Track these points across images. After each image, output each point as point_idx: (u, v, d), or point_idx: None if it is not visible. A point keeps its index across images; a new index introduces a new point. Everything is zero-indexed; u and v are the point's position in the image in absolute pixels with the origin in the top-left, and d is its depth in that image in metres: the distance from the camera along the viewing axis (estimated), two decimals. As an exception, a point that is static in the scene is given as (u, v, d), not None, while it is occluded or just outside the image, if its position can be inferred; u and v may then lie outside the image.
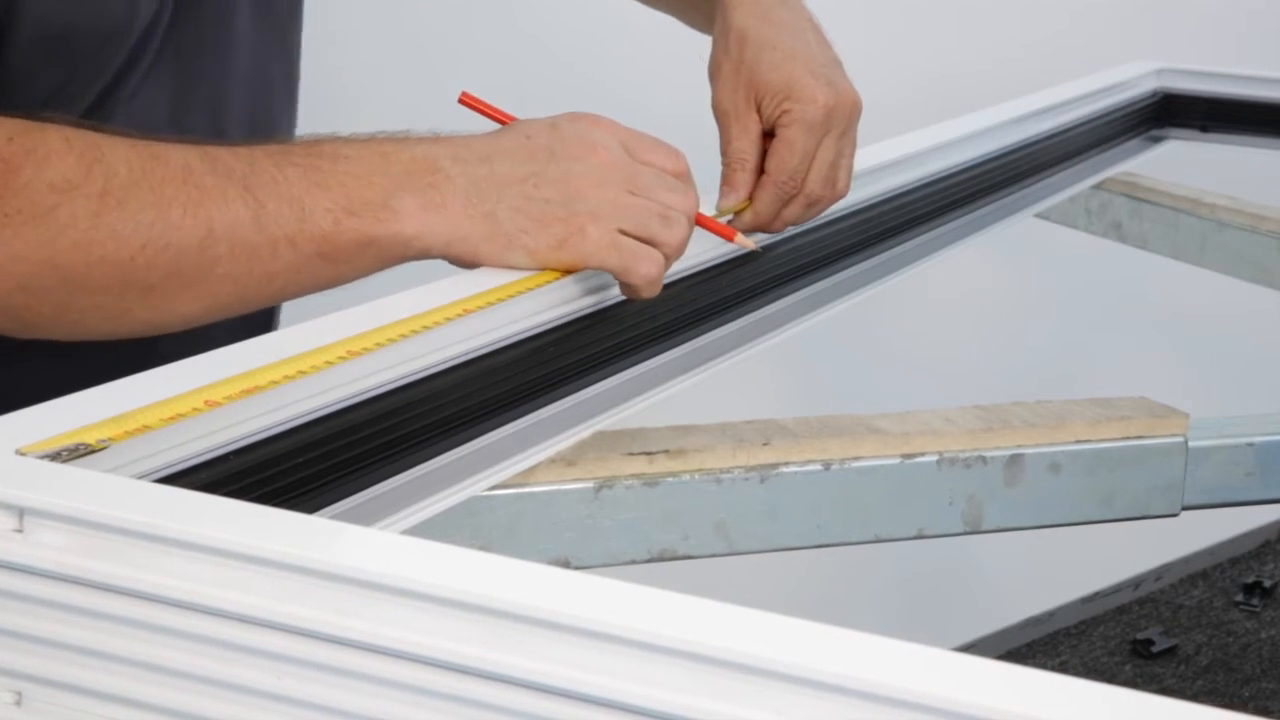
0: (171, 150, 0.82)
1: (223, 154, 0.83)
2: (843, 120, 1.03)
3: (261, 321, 1.04)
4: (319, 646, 0.57)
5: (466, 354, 0.84)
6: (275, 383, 0.73)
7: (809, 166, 1.02)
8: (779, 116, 1.02)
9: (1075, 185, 1.55)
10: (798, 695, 0.51)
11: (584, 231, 0.86)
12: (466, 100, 0.95)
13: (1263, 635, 1.66)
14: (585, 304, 0.91)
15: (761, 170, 1.03)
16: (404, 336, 0.80)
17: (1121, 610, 1.73)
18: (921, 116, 1.31)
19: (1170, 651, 1.64)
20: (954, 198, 1.34)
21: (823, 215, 1.10)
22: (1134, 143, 1.66)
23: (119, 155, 0.80)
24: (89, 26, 0.92)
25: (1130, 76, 1.65)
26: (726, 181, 1.03)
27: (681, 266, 0.98)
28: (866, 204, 1.21)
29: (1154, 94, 1.67)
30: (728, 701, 0.52)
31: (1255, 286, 1.51)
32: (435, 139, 0.87)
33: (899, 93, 1.36)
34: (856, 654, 0.51)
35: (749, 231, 1.02)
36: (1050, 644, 1.67)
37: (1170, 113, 1.69)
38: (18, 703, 0.61)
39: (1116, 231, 1.61)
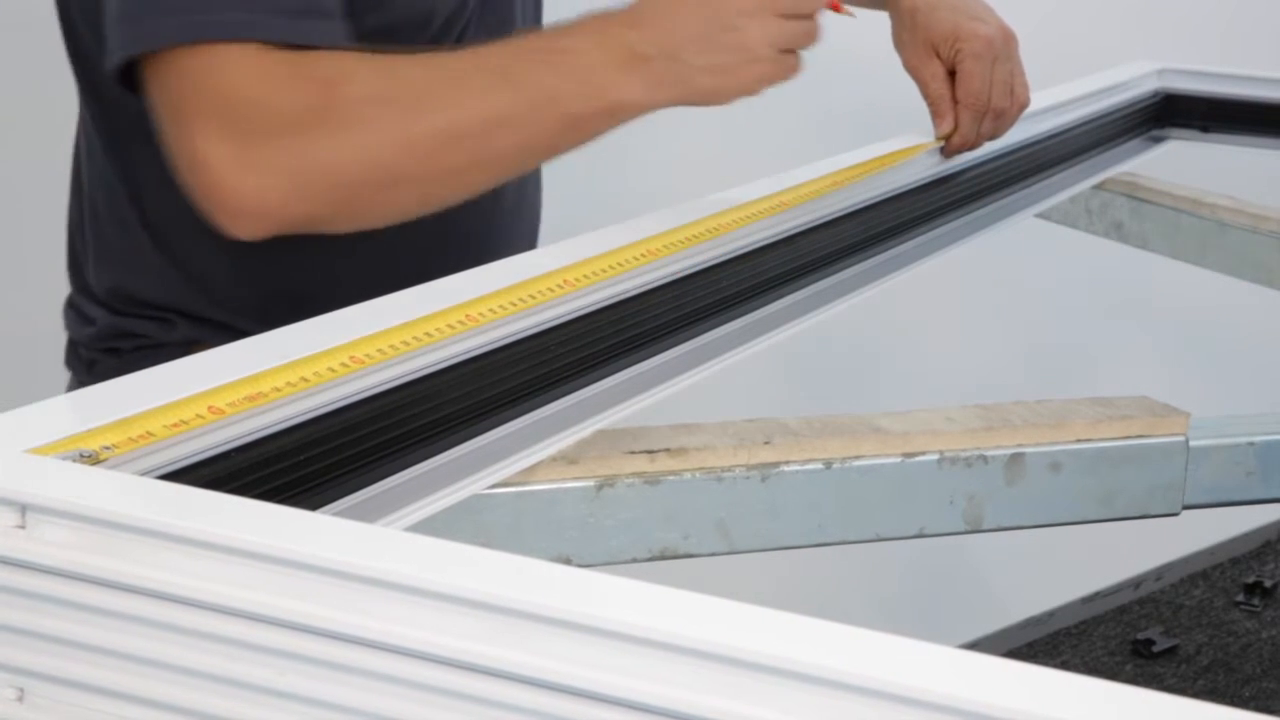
0: (450, 59, 1.01)
1: (489, 55, 1.01)
2: (1003, 46, 1.29)
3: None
4: (321, 643, 0.57)
5: (468, 352, 0.84)
6: (279, 390, 0.74)
7: (989, 87, 1.28)
8: (954, 56, 1.28)
9: (1076, 185, 1.55)
10: (801, 692, 0.51)
11: (755, 60, 1.01)
12: None
13: (1263, 635, 1.66)
14: (585, 303, 0.92)
15: (956, 101, 1.29)
16: (405, 344, 0.80)
17: (1122, 610, 1.72)
18: (922, 117, 1.31)
19: (1171, 651, 1.64)
20: (954, 198, 1.34)
21: (824, 214, 1.15)
22: (1135, 143, 1.66)
23: (412, 68, 0.99)
24: (405, 17, 1.12)
25: (1131, 77, 1.65)
26: (935, 115, 1.30)
27: (684, 265, 0.99)
28: (867, 203, 1.21)
29: (1155, 94, 1.68)
30: (731, 698, 0.52)
31: (1256, 286, 1.51)
32: (624, 19, 1.02)
33: (900, 93, 1.36)
34: (860, 651, 0.51)
35: (960, 151, 1.31)
36: (1051, 644, 1.67)
37: (1171, 113, 1.69)
38: (20, 699, 0.61)
39: (1117, 231, 1.61)
